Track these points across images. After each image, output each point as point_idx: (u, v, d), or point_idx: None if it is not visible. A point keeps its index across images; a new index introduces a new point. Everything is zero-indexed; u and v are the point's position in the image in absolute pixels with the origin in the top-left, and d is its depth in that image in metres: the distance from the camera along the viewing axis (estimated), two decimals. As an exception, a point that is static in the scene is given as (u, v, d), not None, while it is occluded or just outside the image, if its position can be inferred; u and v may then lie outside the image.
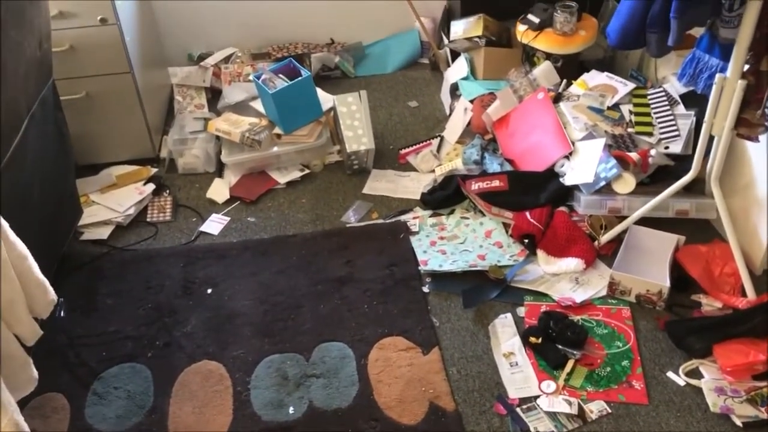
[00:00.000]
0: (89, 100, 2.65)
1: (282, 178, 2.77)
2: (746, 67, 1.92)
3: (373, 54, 3.55)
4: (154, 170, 2.79)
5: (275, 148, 2.76)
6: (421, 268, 2.31)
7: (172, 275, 2.37)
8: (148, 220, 2.62)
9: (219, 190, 2.73)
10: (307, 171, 2.80)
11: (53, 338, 2.09)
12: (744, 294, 2.12)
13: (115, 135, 2.77)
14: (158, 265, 2.41)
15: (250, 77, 2.91)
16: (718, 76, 1.95)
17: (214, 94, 3.24)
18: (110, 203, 2.61)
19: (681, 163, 2.43)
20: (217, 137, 2.83)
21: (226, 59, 3.33)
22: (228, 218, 2.62)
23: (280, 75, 2.75)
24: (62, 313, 2.05)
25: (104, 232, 2.54)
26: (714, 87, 1.97)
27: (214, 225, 2.58)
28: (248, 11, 3.38)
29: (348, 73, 3.45)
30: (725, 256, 2.20)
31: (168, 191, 2.74)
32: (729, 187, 2.21)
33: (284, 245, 2.47)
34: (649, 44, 1.94)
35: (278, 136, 2.78)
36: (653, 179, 2.44)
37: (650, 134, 2.50)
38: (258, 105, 2.92)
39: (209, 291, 2.30)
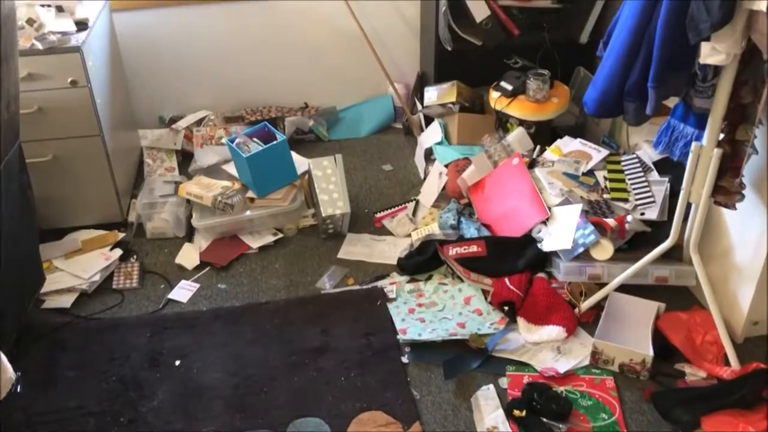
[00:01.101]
0: (56, 162, 2.57)
1: (254, 243, 2.70)
2: (722, 135, 1.95)
3: (347, 118, 3.56)
4: (121, 235, 2.70)
5: (248, 212, 2.70)
6: (400, 337, 2.24)
7: (138, 346, 2.25)
8: (114, 287, 2.51)
9: (189, 256, 2.65)
10: (280, 235, 2.74)
11: (9, 416, 1.96)
12: (727, 362, 2.10)
13: (81, 198, 2.68)
14: (124, 335, 2.29)
15: (224, 141, 2.87)
16: (694, 144, 1.97)
17: (185, 157, 3.19)
18: (74, 269, 2.50)
19: (658, 229, 2.44)
20: (188, 201, 2.76)
21: (199, 122, 3.29)
22: (198, 285, 2.52)
23: (255, 139, 2.72)
24: (19, 389, 1.92)
25: (67, 300, 2.43)
26: (691, 155, 1.99)
27: (183, 292, 2.49)
28: (221, 74, 3.37)
29: (322, 137, 3.44)
30: (706, 324, 2.18)
31: (135, 257, 2.65)
32: (706, 254, 2.21)
33: (256, 313, 2.38)
34: (627, 113, 1.96)
35: (251, 199, 2.72)
36: (631, 245, 2.44)
37: (626, 200, 2.51)
38: (231, 168, 2.87)
39: (177, 363, 2.19)
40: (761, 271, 2.06)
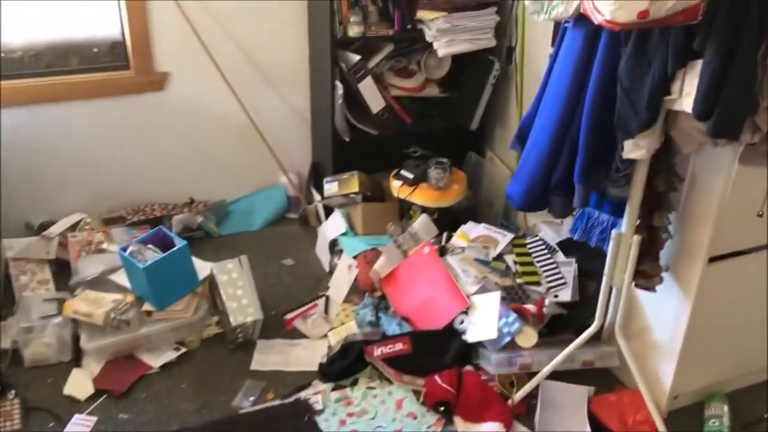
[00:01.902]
0: None
1: (155, 361, 2.43)
2: (638, 221, 2.03)
3: (238, 211, 3.39)
4: (-7, 367, 2.33)
5: (145, 328, 2.43)
6: (336, 454, 2.08)
7: (29, 504, 1.91)
8: (-11, 432, 2.14)
9: (79, 384, 2.32)
10: (183, 350, 2.49)
11: None
12: (660, 440, 2.14)
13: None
14: (10, 493, 1.94)
15: (114, 250, 2.61)
16: (614, 232, 2.03)
17: (59, 267, 2.85)
18: (-63, 417, 2.12)
19: (572, 310, 2.49)
20: (73, 320, 2.45)
21: (73, 227, 2.98)
22: (95, 418, 2.21)
23: (150, 245, 2.48)
24: None
25: (-69, 457, 2.03)
26: (612, 243, 2.05)
27: (78, 429, 2.16)
28: (99, 172, 3.10)
29: (212, 233, 3.24)
30: (635, 403, 2.22)
31: (13, 392, 2.27)
32: (625, 333, 2.26)
33: (170, 445, 2.12)
34: (553, 206, 1.99)
35: (149, 313, 2.46)
36: (549, 329, 2.46)
37: (538, 283, 2.54)
38: (119, 278, 2.59)
39: None
40: (680, 346, 2.14)
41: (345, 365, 2.39)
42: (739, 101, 1.52)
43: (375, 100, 2.92)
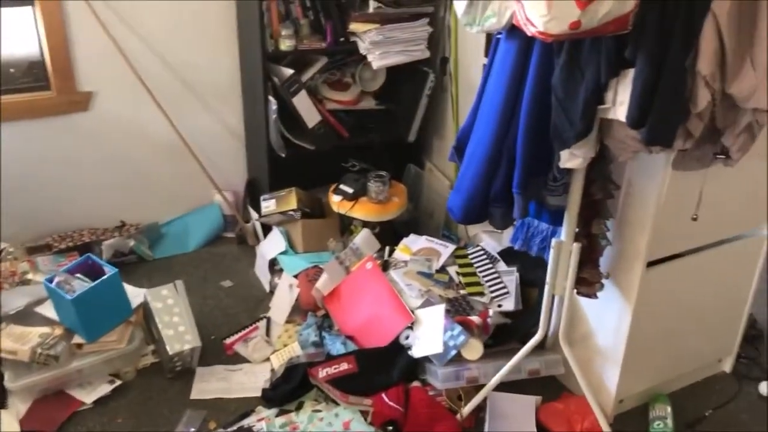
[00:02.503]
0: None
1: (87, 397, 2.30)
2: (577, 230, 2.04)
3: (171, 233, 3.27)
4: None
5: (76, 362, 2.30)
6: (284, 483, 2.01)
7: None
8: None
9: (6, 427, 2.17)
10: (118, 382, 2.37)
11: None
12: (609, 446, 2.15)
13: None
14: None
15: (40, 281, 2.46)
16: (554, 240, 2.04)
17: (-20, 301, 2.68)
18: None
19: (516, 320, 2.49)
20: (-3, 357, 2.30)
21: (-5, 257, 2.82)
22: (23, 462, 2.08)
23: (78, 275, 2.36)
24: None
25: None
26: (552, 251, 2.05)
27: (5, 476, 2.03)
28: (18, 199, 2.94)
29: (145, 257, 3.12)
30: (582, 411, 2.23)
31: (-69, 439, 2.13)
32: (568, 340, 2.27)
33: (106, 486, 2.00)
34: (493, 218, 1.98)
35: (79, 345, 2.33)
36: (495, 340, 2.45)
37: (482, 294, 2.53)
38: (46, 310, 2.45)
39: None
40: (623, 351, 2.16)
41: (289, 389, 2.31)
42: (671, 109, 1.54)
43: (310, 115, 2.87)
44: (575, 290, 2.11)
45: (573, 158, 1.78)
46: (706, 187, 1.91)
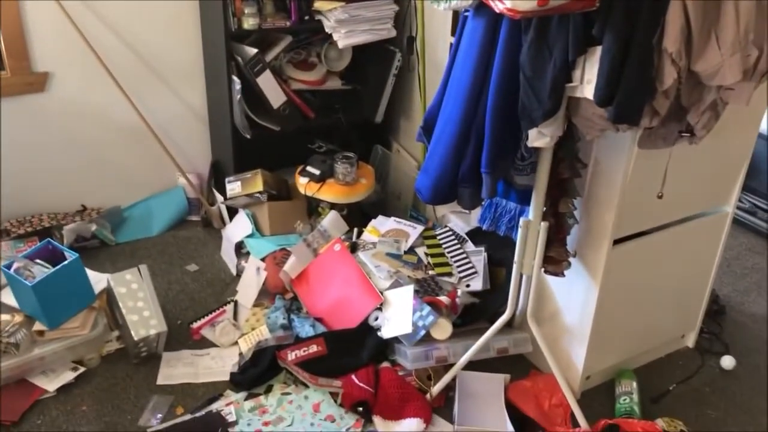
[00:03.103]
0: None
1: (50, 384, 2.25)
2: (544, 209, 2.04)
3: (134, 216, 3.20)
4: None
5: (38, 350, 2.25)
6: (254, 467, 1.99)
7: None
8: None
9: (-36, 417, 2.13)
10: (81, 369, 2.32)
11: None
12: (574, 422, 2.17)
13: None
14: None
15: (-4, 267, 2.39)
16: (522, 220, 2.04)
17: (-65, 289, 2.60)
18: None
19: (482, 299, 2.50)
20: (-46, 347, 2.23)
21: (-50, 244, 2.73)
22: (-16, 453, 2.03)
23: (38, 260, 2.29)
24: None
25: None
26: (520, 230, 2.06)
27: (-35, 467, 1.98)
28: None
29: (107, 241, 3.05)
30: (550, 388, 2.25)
31: None
32: (536, 319, 2.29)
33: (71, 475, 1.97)
34: (461, 198, 1.97)
35: (40, 332, 2.27)
36: (463, 320, 2.46)
37: (450, 274, 2.54)
38: (5, 297, 2.39)
39: None
40: (590, 328, 2.18)
41: (258, 372, 2.29)
42: (638, 87, 1.54)
43: (275, 95, 2.82)
44: (543, 269, 2.12)
45: (541, 137, 1.78)
46: (671, 165, 1.93)
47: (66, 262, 2.27)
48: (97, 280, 2.48)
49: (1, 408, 2.16)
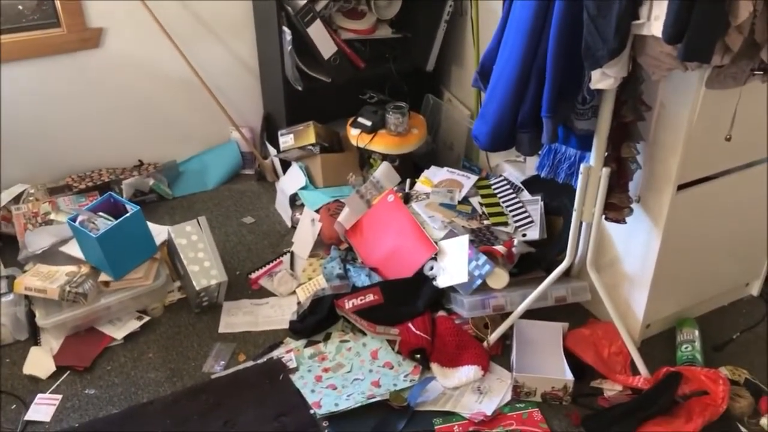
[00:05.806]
0: None
1: (117, 333, 2.34)
2: (606, 154, 1.99)
3: (190, 171, 3.25)
4: (-57, 352, 2.21)
5: (104, 299, 2.32)
6: (315, 411, 2.04)
7: (-2, 491, 1.83)
8: (-53, 421, 2.03)
9: (40, 362, 2.22)
10: (146, 318, 2.39)
11: None
12: (635, 370, 2.15)
13: None
14: (-24, 482, 1.86)
15: (63, 221, 2.46)
16: (583, 166, 1.99)
17: (6, 243, 2.70)
18: None
19: (539, 248, 2.47)
20: (26, 296, 2.32)
21: (16, 199, 2.81)
22: (60, 396, 2.12)
23: (101, 213, 2.35)
24: None
25: None
26: (581, 177, 2.01)
27: (44, 409, 2.07)
28: (35, 140, 2.92)
29: (165, 195, 3.10)
30: (609, 336, 2.23)
31: (-31, 376, 2.17)
32: (596, 267, 2.25)
33: (142, 418, 2.04)
34: (521, 144, 1.93)
35: (106, 283, 2.35)
36: (519, 269, 2.44)
37: (506, 224, 2.51)
38: (71, 249, 2.46)
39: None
40: (651, 276, 2.14)
41: (316, 320, 2.33)
42: (710, 22, 1.47)
43: (326, 45, 2.79)
44: (604, 216, 2.08)
45: (605, 78, 1.72)
46: (740, 106, 1.84)
47: (128, 215, 2.33)
48: (158, 232, 2.53)
49: (74, 354, 2.25)
